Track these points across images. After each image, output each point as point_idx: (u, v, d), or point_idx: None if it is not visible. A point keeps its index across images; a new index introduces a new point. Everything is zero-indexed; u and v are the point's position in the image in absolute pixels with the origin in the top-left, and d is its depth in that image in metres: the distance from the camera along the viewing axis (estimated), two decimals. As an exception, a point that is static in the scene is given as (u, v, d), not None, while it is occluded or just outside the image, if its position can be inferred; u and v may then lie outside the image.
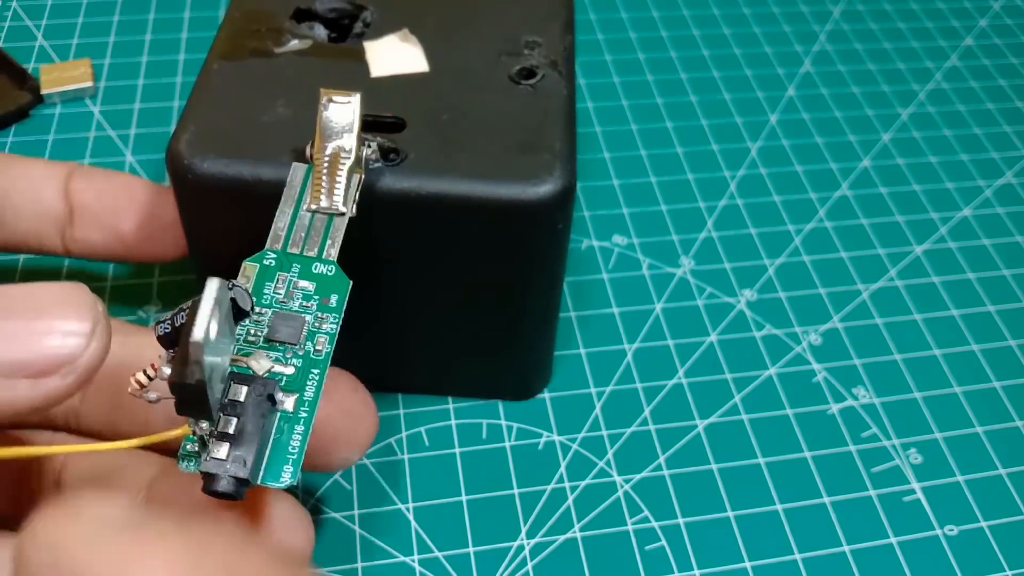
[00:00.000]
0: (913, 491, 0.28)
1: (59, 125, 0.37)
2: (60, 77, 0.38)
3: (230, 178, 0.22)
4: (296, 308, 0.20)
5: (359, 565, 0.26)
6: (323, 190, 0.21)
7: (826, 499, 0.28)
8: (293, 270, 0.20)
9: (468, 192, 0.22)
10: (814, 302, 0.33)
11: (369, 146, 0.22)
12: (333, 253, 0.20)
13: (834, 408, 0.30)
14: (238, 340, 0.19)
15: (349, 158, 0.21)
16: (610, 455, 0.28)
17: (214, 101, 0.24)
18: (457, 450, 0.28)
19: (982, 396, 0.31)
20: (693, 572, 0.26)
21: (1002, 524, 0.28)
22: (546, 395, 0.29)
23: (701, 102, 0.40)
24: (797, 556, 0.26)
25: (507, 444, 0.28)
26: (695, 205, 0.36)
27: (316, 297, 0.20)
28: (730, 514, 0.27)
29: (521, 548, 0.26)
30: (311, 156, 0.21)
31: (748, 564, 0.26)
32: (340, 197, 0.21)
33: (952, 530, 0.27)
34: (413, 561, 0.26)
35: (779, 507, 0.27)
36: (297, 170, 0.21)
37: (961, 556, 0.27)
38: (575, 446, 0.28)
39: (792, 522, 0.27)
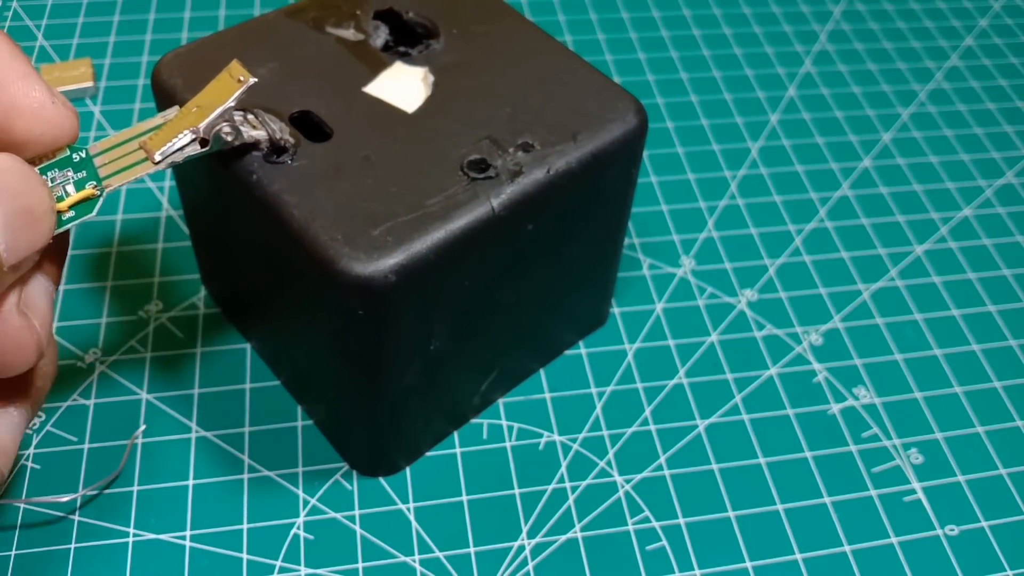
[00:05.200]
0: (914, 491, 0.28)
1: (59, 125, 0.37)
2: (60, 77, 0.38)
3: (166, 91, 0.24)
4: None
5: (359, 565, 0.26)
6: (162, 134, 0.21)
7: (827, 499, 0.28)
8: (79, 174, 0.20)
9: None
10: (815, 302, 0.33)
11: (254, 127, 0.22)
12: (114, 183, 0.20)
13: (835, 408, 0.30)
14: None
15: (199, 125, 0.21)
16: (611, 455, 0.28)
17: (225, 40, 0.25)
18: (458, 450, 0.28)
19: (983, 396, 0.31)
20: (694, 572, 0.26)
21: (1003, 524, 0.28)
22: (547, 395, 0.29)
23: (701, 102, 0.40)
24: (798, 556, 0.26)
25: (508, 444, 0.28)
26: (695, 205, 0.36)
27: (72, 210, 0.20)
28: (731, 514, 0.27)
29: (522, 548, 0.26)
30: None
31: (749, 564, 0.26)
32: (166, 147, 0.21)
33: (953, 530, 0.27)
34: (414, 561, 0.26)
35: (780, 507, 0.27)
36: (171, 111, 0.21)
37: (962, 556, 0.27)
38: (576, 446, 0.28)
39: (793, 522, 0.27)
